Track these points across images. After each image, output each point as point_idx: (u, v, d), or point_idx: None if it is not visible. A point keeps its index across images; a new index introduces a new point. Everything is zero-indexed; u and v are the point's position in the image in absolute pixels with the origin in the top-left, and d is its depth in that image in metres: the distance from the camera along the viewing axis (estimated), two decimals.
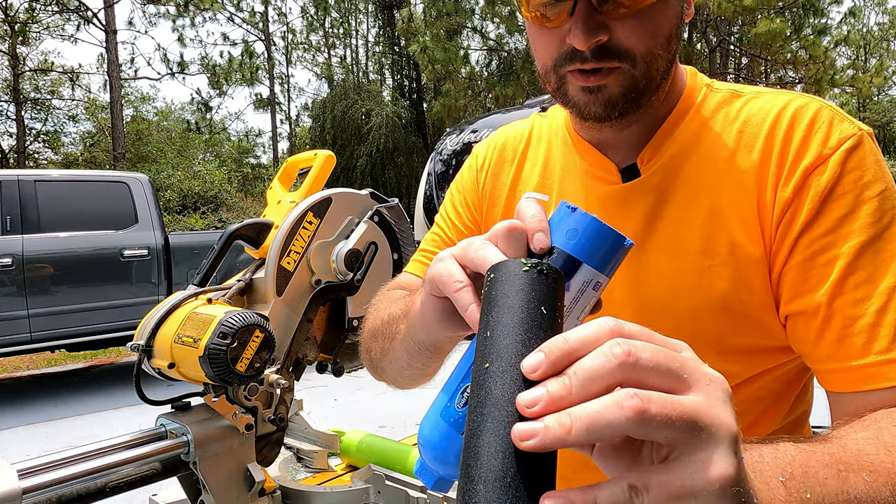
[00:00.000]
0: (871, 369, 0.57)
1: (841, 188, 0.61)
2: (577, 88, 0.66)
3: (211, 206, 12.91)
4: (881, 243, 0.60)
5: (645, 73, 0.64)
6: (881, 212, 0.60)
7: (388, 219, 1.62)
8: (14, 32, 17.46)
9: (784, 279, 0.64)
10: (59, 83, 20.50)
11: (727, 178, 0.67)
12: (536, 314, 0.37)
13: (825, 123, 0.64)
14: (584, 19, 0.61)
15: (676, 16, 0.65)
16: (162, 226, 5.97)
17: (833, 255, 0.60)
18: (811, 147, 0.63)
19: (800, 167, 0.63)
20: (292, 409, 1.76)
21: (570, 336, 0.35)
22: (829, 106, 0.66)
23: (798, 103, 0.66)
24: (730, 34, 18.13)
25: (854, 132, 0.63)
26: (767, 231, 0.64)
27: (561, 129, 0.82)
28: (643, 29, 0.62)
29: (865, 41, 24.18)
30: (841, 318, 0.59)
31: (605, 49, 0.62)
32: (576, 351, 0.34)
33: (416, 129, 20.84)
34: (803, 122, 0.64)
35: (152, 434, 1.33)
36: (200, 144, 22.41)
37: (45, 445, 4.27)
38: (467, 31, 17.32)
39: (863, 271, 0.59)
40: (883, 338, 0.57)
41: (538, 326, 0.37)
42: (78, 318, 5.46)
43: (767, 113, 0.67)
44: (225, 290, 1.49)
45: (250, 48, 22.00)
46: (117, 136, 15.82)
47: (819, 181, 0.62)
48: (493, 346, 0.37)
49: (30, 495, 1.09)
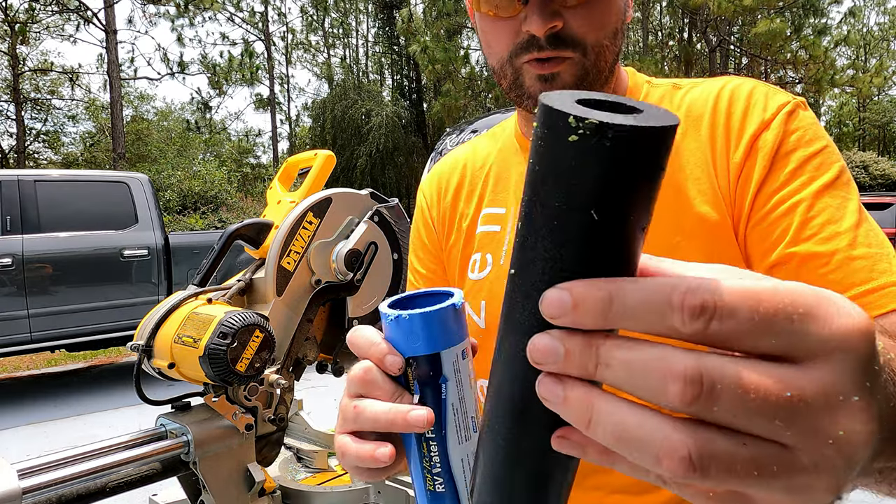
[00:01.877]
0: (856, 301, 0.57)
1: (786, 146, 0.65)
2: (533, 77, 0.69)
3: (211, 206, 12.91)
4: (834, 189, 0.63)
5: (595, 64, 0.69)
6: (828, 164, 0.64)
7: (388, 219, 1.62)
8: (14, 32, 17.45)
9: (750, 240, 0.66)
10: (59, 83, 20.51)
11: (681, 158, 0.70)
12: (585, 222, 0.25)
13: (762, 95, 0.69)
14: (539, 5, 0.65)
15: (620, 12, 0.70)
16: (162, 226, 5.97)
17: (791, 204, 0.63)
18: (753, 115, 0.67)
19: (746, 134, 0.67)
20: (292, 409, 1.76)
21: (617, 294, 0.25)
22: (763, 83, 0.71)
23: (734, 83, 0.71)
24: (730, 34, 18.13)
25: (789, 99, 0.68)
26: (727, 198, 0.67)
27: (510, 139, 0.84)
28: (592, 19, 0.67)
29: (865, 41, 24.18)
30: (815, 259, 0.61)
31: (558, 37, 0.66)
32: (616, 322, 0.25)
33: (416, 129, 20.84)
34: (742, 96, 0.69)
35: (152, 434, 1.33)
36: (200, 144, 22.40)
37: (45, 445, 4.27)
38: (467, 31, 17.32)
39: (823, 214, 0.61)
40: (860, 270, 0.58)
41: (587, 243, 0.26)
42: (78, 318, 5.47)
43: (708, 95, 0.71)
44: (225, 290, 1.49)
45: (250, 48, 22.00)
46: (117, 136, 15.81)
47: (765, 142, 0.66)
48: (521, 248, 0.28)
49: (30, 495, 1.09)
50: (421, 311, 0.41)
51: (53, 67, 19.71)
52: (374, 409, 0.42)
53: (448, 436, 0.42)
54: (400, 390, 0.42)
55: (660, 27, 23.32)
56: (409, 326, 0.41)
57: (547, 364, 0.27)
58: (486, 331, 0.78)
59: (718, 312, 0.23)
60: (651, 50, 20.71)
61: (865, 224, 0.62)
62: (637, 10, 21.69)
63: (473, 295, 0.80)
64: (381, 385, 0.42)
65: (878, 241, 0.61)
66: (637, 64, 16.08)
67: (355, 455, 0.42)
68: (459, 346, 0.43)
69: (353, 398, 0.44)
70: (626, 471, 0.28)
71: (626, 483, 0.72)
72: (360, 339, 0.44)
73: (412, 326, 0.41)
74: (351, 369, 0.44)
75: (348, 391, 0.45)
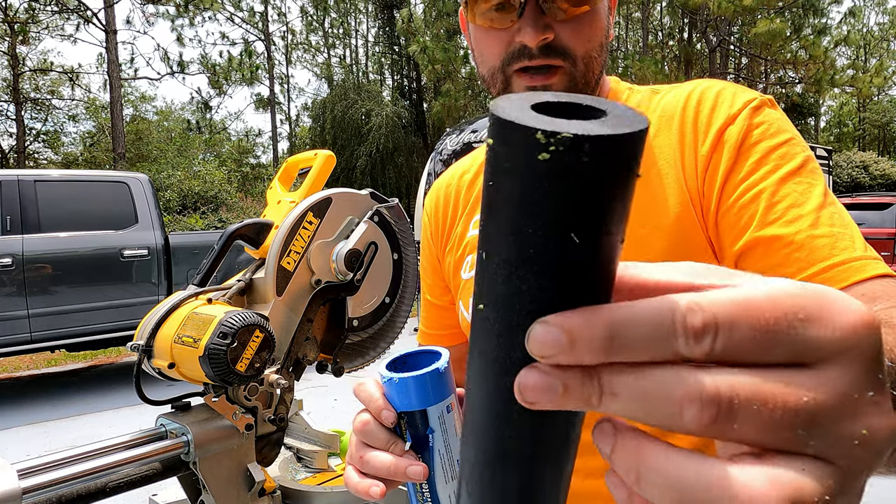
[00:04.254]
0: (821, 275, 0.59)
1: (751, 138, 0.67)
2: (523, 89, 0.72)
3: (211, 206, 12.92)
4: (799, 177, 0.65)
5: (584, 75, 0.73)
6: (792, 154, 0.66)
7: (388, 219, 1.62)
8: (14, 32, 17.45)
9: (721, 228, 0.68)
10: (59, 83, 20.51)
11: (653, 155, 0.73)
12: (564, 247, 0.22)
13: (729, 94, 0.72)
14: (533, 18, 0.69)
15: (604, 29, 0.74)
16: (162, 226, 5.97)
17: (756, 192, 0.65)
18: (720, 111, 0.70)
19: (713, 128, 0.69)
20: (292, 409, 1.76)
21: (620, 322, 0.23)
22: (732, 84, 0.74)
23: (705, 84, 0.75)
24: (730, 34, 18.13)
25: (755, 96, 0.71)
26: (694, 189, 0.69)
27: None
28: (581, 32, 0.71)
29: (865, 41, 24.19)
30: (778, 241, 0.62)
31: (549, 47, 0.70)
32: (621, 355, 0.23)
33: (416, 129, 20.84)
34: (710, 95, 0.72)
35: (152, 434, 1.33)
36: (200, 144, 22.40)
37: (45, 445, 4.27)
38: None
39: (787, 199, 0.63)
40: (822, 248, 0.60)
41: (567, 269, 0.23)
42: (78, 318, 5.47)
43: (679, 96, 0.75)
44: (225, 290, 1.49)
45: (250, 48, 22.00)
46: (117, 135, 15.81)
47: (731, 135, 0.68)
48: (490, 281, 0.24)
49: (30, 495, 1.09)
50: (411, 375, 0.49)
51: (53, 67, 19.71)
52: (378, 462, 0.50)
53: (436, 477, 0.50)
54: (394, 438, 0.50)
55: (660, 27, 23.32)
56: (401, 387, 0.49)
57: (542, 403, 0.24)
58: None
59: (721, 330, 0.22)
60: (651, 50, 20.71)
61: (830, 207, 0.64)
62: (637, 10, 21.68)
63: (464, 292, 0.85)
64: (377, 435, 0.50)
65: (843, 223, 0.63)
66: (637, 64, 16.08)
67: (354, 488, 0.51)
68: (444, 402, 0.50)
69: (359, 444, 0.52)
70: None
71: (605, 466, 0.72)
72: (363, 394, 0.52)
73: (404, 387, 0.49)
74: (354, 418, 0.53)
75: (354, 434, 0.52)
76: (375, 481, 0.50)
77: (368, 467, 0.50)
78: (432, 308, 0.97)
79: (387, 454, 0.50)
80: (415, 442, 0.50)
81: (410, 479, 0.48)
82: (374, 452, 0.50)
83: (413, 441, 0.50)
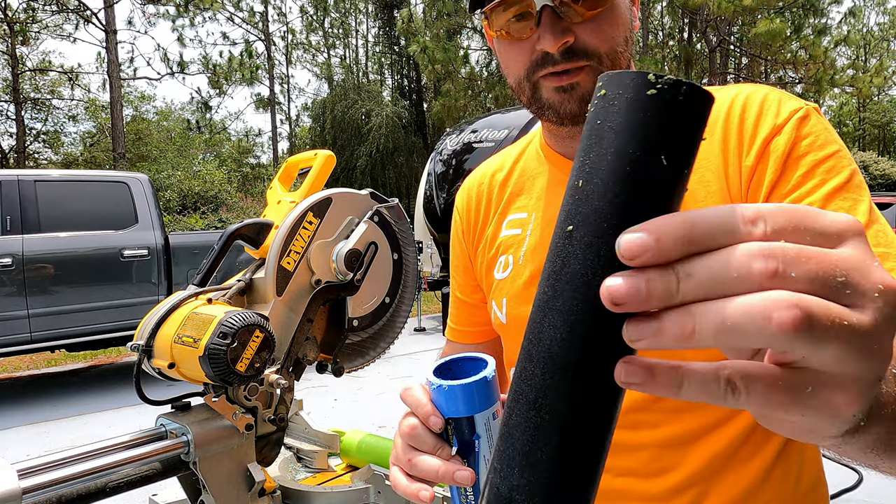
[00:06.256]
0: None
1: (797, 151, 0.66)
2: (551, 90, 0.72)
3: (211, 206, 12.92)
4: (845, 192, 0.64)
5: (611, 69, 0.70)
6: (839, 168, 0.65)
7: (388, 219, 1.62)
8: (14, 32, 17.45)
9: None
10: (59, 83, 20.50)
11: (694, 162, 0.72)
12: (657, 170, 0.29)
13: (774, 102, 0.70)
14: (551, 25, 0.69)
15: (627, 22, 0.74)
16: (162, 226, 5.97)
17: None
18: (765, 120, 0.69)
19: (758, 138, 0.68)
20: (292, 409, 1.76)
21: (695, 219, 0.27)
22: (776, 90, 0.72)
23: (748, 90, 0.73)
24: (730, 34, 18.13)
25: (801, 105, 0.69)
26: (737, 200, 0.68)
27: (534, 149, 0.89)
28: (602, 31, 0.71)
29: (865, 41, 24.18)
30: None
31: (572, 50, 0.70)
32: (698, 244, 0.27)
33: (416, 129, 20.84)
34: (755, 103, 0.71)
35: (152, 434, 1.33)
36: (200, 144, 22.40)
37: (45, 445, 4.27)
38: (467, 31, 17.31)
39: None
40: None
41: (654, 186, 0.29)
42: (78, 318, 5.46)
43: (722, 103, 0.73)
44: (225, 290, 1.49)
45: (250, 48, 22.00)
46: (117, 135, 15.81)
47: (777, 146, 0.67)
48: (583, 203, 0.30)
49: (30, 495, 1.09)
50: (460, 383, 0.50)
51: (53, 67, 19.71)
52: (427, 465, 0.51)
53: (481, 482, 0.51)
54: (441, 443, 0.51)
55: (660, 27, 23.31)
56: (449, 395, 0.51)
57: (629, 303, 0.27)
58: (507, 325, 0.85)
59: (768, 218, 0.28)
60: (651, 50, 20.70)
61: (876, 225, 0.63)
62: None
63: (497, 293, 0.86)
64: (425, 440, 0.52)
65: (887, 241, 0.62)
66: (637, 64, 16.03)
67: (404, 491, 0.53)
68: (490, 410, 0.51)
69: (406, 448, 0.53)
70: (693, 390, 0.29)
71: (635, 466, 0.74)
72: (410, 399, 0.53)
73: (452, 395, 0.51)
74: (401, 421, 0.54)
75: (400, 437, 0.54)
76: (424, 485, 0.52)
77: (416, 470, 0.52)
78: (462, 305, 0.98)
79: (434, 458, 0.51)
80: (461, 447, 0.51)
81: (458, 483, 0.49)
82: (423, 456, 0.52)
83: (459, 446, 0.51)
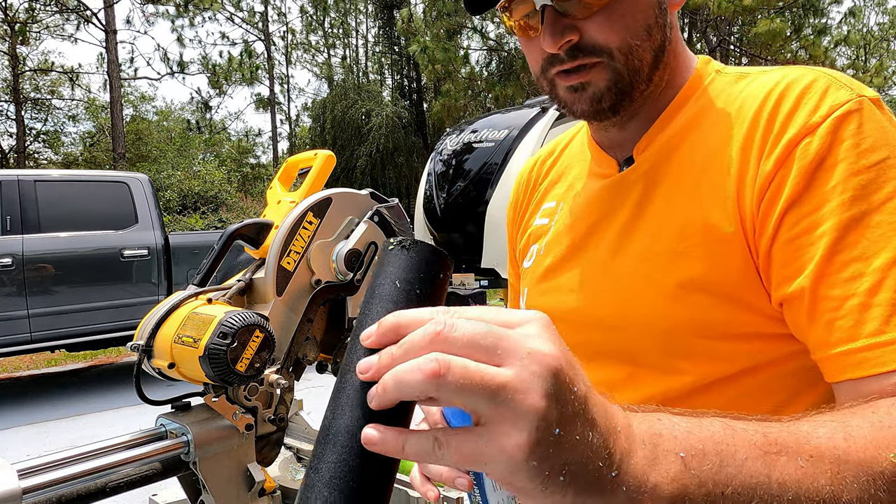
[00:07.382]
0: (861, 354, 0.52)
1: (833, 158, 0.56)
2: (564, 89, 0.70)
3: (211, 206, 12.93)
4: (880, 216, 0.53)
5: (626, 65, 0.67)
6: (879, 182, 0.54)
7: (388, 219, 1.62)
8: (14, 32, 17.45)
9: (773, 261, 0.59)
10: (59, 83, 20.49)
11: (714, 159, 0.64)
12: (390, 289, 0.42)
13: (817, 93, 0.59)
14: (550, 25, 0.65)
15: (652, 6, 0.66)
16: (162, 226, 5.97)
17: (821, 231, 0.55)
18: (798, 117, 0.59)
19: (783, 139, 0.58)
20: (292, 409, 1.76)
21: (403, 313, 0.39)
22: (829, 75, 0.61)
23: (795, 75, 0.62)
24: (730, 34, 18.14)
25: (850, 98, 0.58)
26: (748, 209, 0.60)
27: (581, 138, 0.87)
28: (612, 24, 0.65)
29: (865, 41, 24.15)
30: (827, 301, 0.54)
31: (578, 47, 0.66)
32: (405, 326, 0.38)
33: (416, 129, 20.83)
34: (794, 92, 0.60)
35: (152, 434, 1.33)
36: (200, 144, 22.38)
37: (45, 445, 4.27)
38: (467, 31, 17.31)
39: (854, 248, 0.53)
40: (874, 319, 0.52)
41: (391, 301, 0.41)
42: (78, 318, 5.47)
43: (763, 88, 0.64)
44: (225, 290, 1.49)
45: (250, 48, 22.00)
46: (117, 135, 15.82)
47: (807, 152, 0.57)
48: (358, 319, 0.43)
49: (30, 495, 1.09)
50: None
51: (53, 67, 19.70)
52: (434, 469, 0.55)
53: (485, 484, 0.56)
54: None
55: None
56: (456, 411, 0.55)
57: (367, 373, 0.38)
58: None
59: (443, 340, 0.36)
60: None
61: None
62: None
63: (523, 281, 0.86)
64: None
65: None
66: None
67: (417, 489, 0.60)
68: None
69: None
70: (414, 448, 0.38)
71: None
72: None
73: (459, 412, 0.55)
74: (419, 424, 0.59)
75: None
76: (432, 486, 0.59)
77: (427, 471, 0.58)
78: (513, 290, 0.98)
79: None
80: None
81: (458, 488, 0.52)
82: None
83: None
